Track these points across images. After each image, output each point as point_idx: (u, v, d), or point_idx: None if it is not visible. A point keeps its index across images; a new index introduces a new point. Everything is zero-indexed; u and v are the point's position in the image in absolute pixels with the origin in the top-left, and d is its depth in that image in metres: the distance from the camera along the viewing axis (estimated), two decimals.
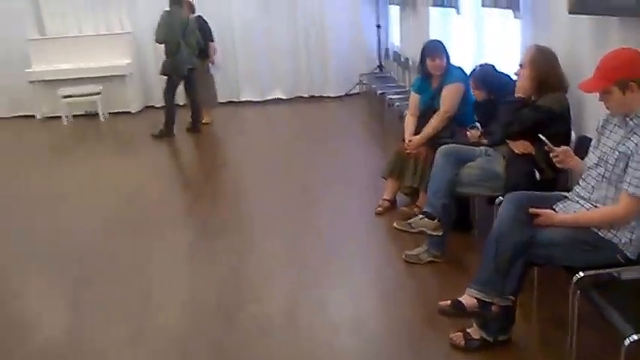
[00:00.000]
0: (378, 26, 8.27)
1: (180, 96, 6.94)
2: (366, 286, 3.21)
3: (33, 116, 8.17)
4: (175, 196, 5.06)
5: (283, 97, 8.59)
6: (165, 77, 6.73)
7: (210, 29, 7.13)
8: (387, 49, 8.21)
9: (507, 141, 3.04)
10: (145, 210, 4.55)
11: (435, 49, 3.84)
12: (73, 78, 7.81)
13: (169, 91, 6.76)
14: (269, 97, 8.56)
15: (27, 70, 7.90)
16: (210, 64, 7.25)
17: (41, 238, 4.11)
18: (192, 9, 6.97)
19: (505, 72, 3.46)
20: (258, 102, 8.50)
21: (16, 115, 8.27)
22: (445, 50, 3.84)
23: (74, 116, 7.87)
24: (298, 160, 5.63)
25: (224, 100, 8.12)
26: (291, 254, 3.60)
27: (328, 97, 8.52)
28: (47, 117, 8.04)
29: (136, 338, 2.78)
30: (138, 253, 3.74)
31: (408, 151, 3.89)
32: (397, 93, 6.10)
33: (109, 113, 7.92)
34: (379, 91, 6.68)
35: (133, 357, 2.65)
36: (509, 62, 3.61)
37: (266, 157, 5.87)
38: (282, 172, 5.32)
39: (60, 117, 7.80)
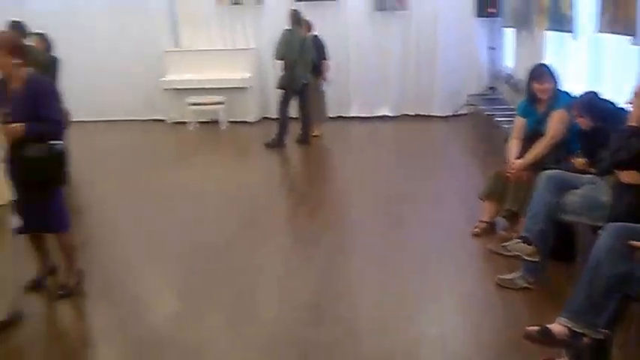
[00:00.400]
0: (492, 48, 8.16)
1: (294, 109, 7.32)
2: (454, 304, 3.25)
3: (163, 120, 9.02)
4: (280, 202, 5.39)
5: (390, 115, 8.73)
6: (281, 91, 7.15)
7: (325, 48, 7.48)
8: (499, 71, 8.07)
9: (615, 170, 2.95)
10: (252, 213, 4.89)
11: (542, 73, 3.79)
12: (200, 88, 8.54)
13: (284, 104, 7.17)
14: (377, 114, 8.74)
15: (161, 79, 8.77)
16: (322, 81, 7.59)
17: (159, 231, 4.57)
18: (310, 28, 7.36)
19: (609, 100, 3.35)
20: (366, 118, 8.70)
21: (150, 118, 9.17)
22: (553, 74, 3.77)
23: (198, 122, 8.58)
24: (399, 176, 5.74)
25: (334, 115, 8.42)
26: (383, 266, 3.72)
27: (435, 117, 8.53)
28: (175, 122, 8.83)
29: (232, 330, 3.05)
30: (243, 252, 4.05)
31: (509, 175, 3.86)
32: (506, 115, 6.00)
33: (229, 122, 8.53)
34: (487, 113, 6.61)
35: (228, 346, 2.92)
36: (626, 90, 3.48)
37: (369, 171, 6.04)
38: (382, 186, 5.46)
39: (186, 122, 8.55)
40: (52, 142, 3.21)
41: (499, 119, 6.06)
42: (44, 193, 3.28)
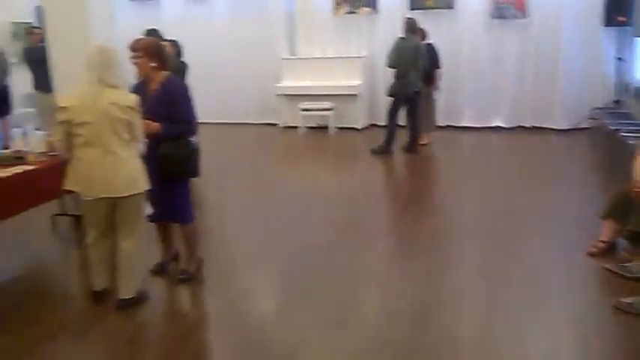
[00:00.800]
0: (620, 59, 7.63)
1: (402, 117, 7.34)
2: (563, 323, 3.11)
3: (275, 124, 9.45)
4: (385, 208, 5.44)
5: (504, 126, 8.45)
6: (391, 98, 7.20)
7: (438, 56, 7.42)
8: (627, 84, 7.52)
9: None
10: (356, 217, 4.99)
11: None
12: (311, 94, 8.84)
13: (393, 112, 7.21)
14: (489, 125, 8.50)
15: (277, 85, 9.20)
16: (434, 90, 7.54)
17: (269, 229, 4.80)
18: (424, 36, 7.34)
19: None
20: (477, 128, 8.50)
21: (263, 122, 9.65)
22: None
23: (308, 127, 8.88)
24: (510, 189, 5.56)
25: (444, 124, 8.32)
26: (490, 278, 3.65)
27: (553, 130, 8.12)
28: (286, 126, 9.22)
29: (333, 330, 3.13)
30: (347, 255, 4.15)
31: (633, 194, 3.62)
32: (632, 131, 5.60)
33: (338, 127, 8.74)
34: (612, 127, 6.20)
35: (329, 345, 3.01)
36: None
37: (477, 182, 5.91)
38: (491, 198, 5.32)
39: (297, 127, 8.89)
40: (186, 139, 3.54)
41: (624, 134, 5.67)
42: (175, 187, 3.61)
